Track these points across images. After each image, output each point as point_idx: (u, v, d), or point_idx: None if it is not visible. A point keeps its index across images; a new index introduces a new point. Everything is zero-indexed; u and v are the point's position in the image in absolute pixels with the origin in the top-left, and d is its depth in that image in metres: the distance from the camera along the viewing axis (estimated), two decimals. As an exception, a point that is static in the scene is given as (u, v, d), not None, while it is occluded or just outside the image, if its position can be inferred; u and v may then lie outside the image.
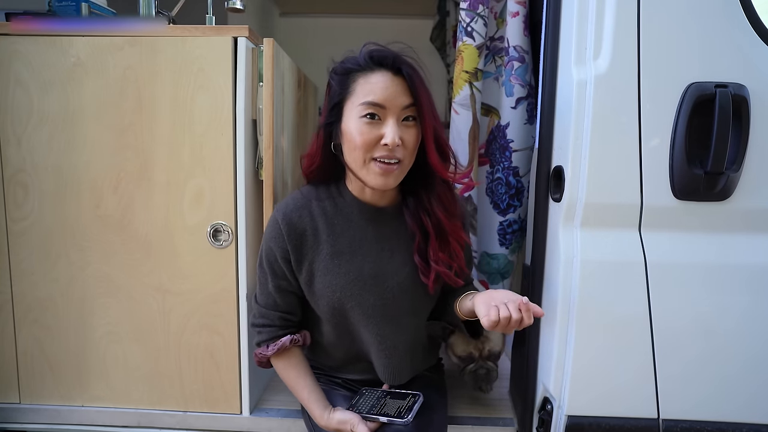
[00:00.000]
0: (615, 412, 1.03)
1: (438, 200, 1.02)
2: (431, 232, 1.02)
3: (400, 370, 1.09)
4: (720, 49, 0.96)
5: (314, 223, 1.02)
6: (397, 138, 0.92)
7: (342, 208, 1.04)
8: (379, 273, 1.03)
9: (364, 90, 0.93)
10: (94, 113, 1.15)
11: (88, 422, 1.26)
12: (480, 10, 1.34)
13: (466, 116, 1.39)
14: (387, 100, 0.92)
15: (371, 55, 0.95)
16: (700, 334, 1.01)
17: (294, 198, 1.04)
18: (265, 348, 1.07)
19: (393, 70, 0.94)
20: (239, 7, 1.35)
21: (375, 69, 0.94)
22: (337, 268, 1.02)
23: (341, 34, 2.41)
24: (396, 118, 0.93)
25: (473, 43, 1.36)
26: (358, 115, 0.93)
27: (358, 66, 0.95)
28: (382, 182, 0.95)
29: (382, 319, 1.04)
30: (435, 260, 1.02)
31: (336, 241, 1.02)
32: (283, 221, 1.01)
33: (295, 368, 1.08)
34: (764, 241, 1.00)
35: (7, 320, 1.23)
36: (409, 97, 0.94)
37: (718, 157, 0.94)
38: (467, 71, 1.37)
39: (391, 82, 0.93)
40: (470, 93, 1.38)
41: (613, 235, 1.01)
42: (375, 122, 0.93)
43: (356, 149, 0.94)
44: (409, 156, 0.97)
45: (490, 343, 1.20)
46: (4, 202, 1.19)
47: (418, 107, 0.95)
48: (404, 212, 1.05)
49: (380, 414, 1.00)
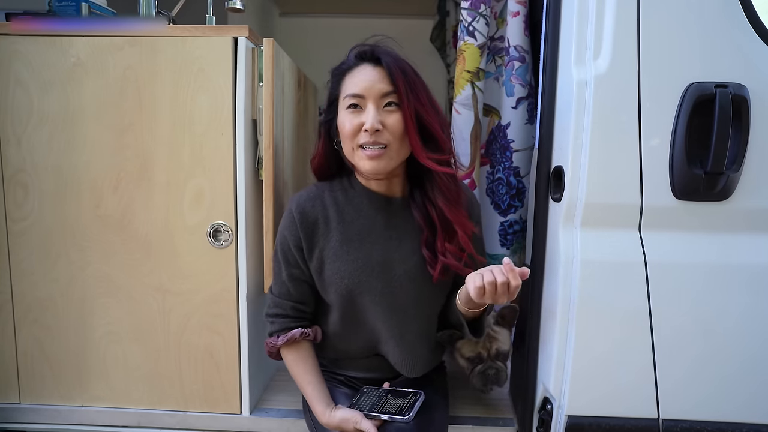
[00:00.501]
0: (615, 412, 1.03)
1: (439, 190, 1.04)
2: (437, 222, 1.04)
3: (407, 362, 1.10)
4: (720, 49, 0.96)
5: (326, 212, 1.06)
6: (377, 122, 0.96)
7: (352, 198, 1.08)
8: (387, 261, 1.05)
9: (348, 84, 1.01)
10: (94, 113, 1.15)
11: (88, 422, 1.26)
12: (482, 10, 1.34)
13: (467, 116, 1.39)
14: (365, 89, 0.98)
15: (356, 54, 1.03)
16: (700, 334, 1.01)
17: (308, 190, 1.10)
18: (276, 338, 1.09)
19: (373, 61, 1.01)
20: (239, 7, 1.35)
21: (358, 64, 1.02)
22: (345, 255, 1.04)
23: (341, 34, 2.40)
24: (376, 105, 0.98)
25: (475, 43, 1.35)
26: (344, 108, 1.01)
27: (347, 66, 1.03)
28: (371, 167, 0.99)
29: (390, 308, 1.06)
30: (442, 252, 1.04)
31: (346, 228, 1.06)
32: (296, 210, 1.06)
33: (303, 363, 1.09)
34: (764, 241, 1.00)
35: (7, 320, 1.23)
36: (389, 84, 0.98)
37: (718, 157, 0.94)
38: (469, 71, 1.37)
39: (370, 73, 0.99)
40: (472, 93, 1.38)
41: (613, 235, 1.01)
42: (357, 111, 0.99)
43: (345, 139, 1.01)
44: (397, 141, 0.99)
45: (498, 343, 1.19)
46: (4, 202, 1.19)
47: (397, 92, 0.98)
48: (411, 205, 1.08)
49: (381, 412, 1.00)
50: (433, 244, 1.05)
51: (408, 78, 0.99)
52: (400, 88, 0.98)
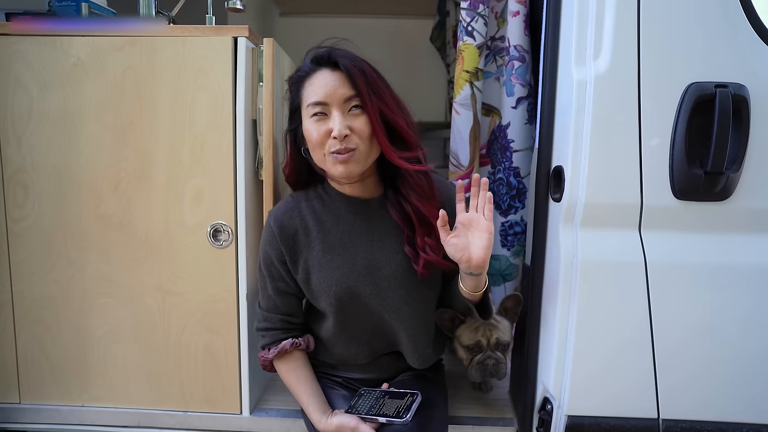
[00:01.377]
0: (615, 412, 1.03)
1: (412, 187, 1.03)
2: (413, 219, 1.04)
3: (401, 362, 1.11)
4: (720, 49, 0.96)
5: (304, 223, 1.06)
6: (344, 128, 0.95)
7: (329, 205, 1.08)
8: (372, 263, 1.05)
9: (309, 92, 0.99)
10: (94, 113, 1.15)
11: (88, 422, 1.26)
12: (481, 10, 1.34)
13: (466, 116, 1.39)
14: (327, 96, 0.97)
15: (312, 59, 1.01)
16: (700, 334, 1.01)
17: (285, 201, 1.09)
18: (267, 351, 1.09)
19: (331, 65, 0.99)
20: (239, 7, 1.35)
21: (316, 70, 1.00)
22: (330, 263, 1.04)
23: (341, 34, 2.40)
24: (341, 110, 0.97)
25: (474, 43, 1.35)
26: (308, 116, 0.99)
27: (305, 72, 1.01)
28: (343, 171, 0.98)
29: (380, 309, 1.06)
30: (422, 247, 1.03)
31: (326, 237, 1.05)
32: (275, 224, 1.05)
33: (296, 372, 1.09)
34: (764, 241, 1.00)
35: (7, 320, 1.23)
36: (351, 87, 0.97)
37: (718, 157, 0.94)
38: (468, 71, 1.37)
39: (330, 78, 0.97)
40: (471, 93, 1.38)
41: (613, 235, 1.01)
42: (323, 119, 0.98)
43: (315, 147, 1.00)
44: (365, 143, 0.98)
45: (498, 332, 1.16)
46: (4, 202, 1.19)
47: (360, 95, 0.97)
48: (387, 204, 1.08)
49: (379, 414, 1.00)
50: (413, 240, 1.05)
51: (369, 79, 0.98)
52: (363, 91, 0.96)
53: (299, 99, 1.02)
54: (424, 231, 1.04)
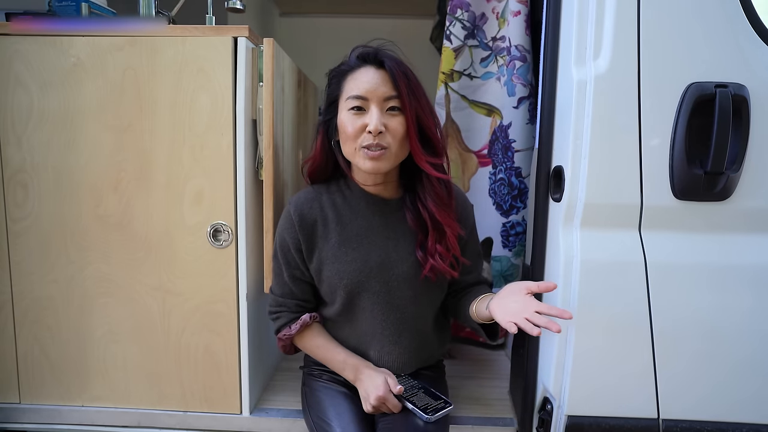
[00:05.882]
0: (615, 412, 1.03)
1: (431, 193, 1.05)
2: (428, 224, 1.06)
3: (404, 360, 1.11)
4: (720, 49, 0.96)
5: (324, 214, 1.08)
6: (380, 124, 0.98)
7: (350, 200, 1.09)
8: (385, 261, 1.07)
9: (351, 86, 1.02)
10: (94, 113, 1.15)
11: (88, 422, 1.26)
12: (458, 14, 1.44)
13: (439, 114, 1.48)
14: (369, 92, 0.99)
15: (358, 55, 1.04)
16: (700, 333, 1.01)
17: (306, 191, 1.11)
18: (288, 329, 1.11)
19: (376, 64, 1.02)
20: (239, 7, 1.35)
21: (361, 66, 1.03)
22: (344, 256, 1.06)
23: (341, 34, 2.41)
24: (379, 107, 0.99)
25: (450, 46, 1.46)
26: (346, 109, 1.01)
27: (349, 67, 1.04)
28: (372, 166, 1.00)
29: (387, 307, 1.08)
30: (432, 253, 1.05)
31: (344, 230, 1.07)
32: (295, 213, 1.07)
33: (321, 338, 1.12)
34: (764, 241, 1.00)
35: (7, 320, 1.23)
36: (392, 88, 1.00)
37: (718, 157, 0.94)
38: (444, 72, 1.48)
39: (373, 76, 1.00)
40: (445, 93, 1.49)
41: (613, 235, 1.01)
42: (361, 113, 1.00)
43: (348, 139, 1.02)
44: (397, 143, 1.01)
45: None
46: (4, 202, 1.19)
47: (400, 97, 1.00)
48: (404, 207, 1.10)
49: (408, 400, 1.02)
50: (425, 245, 1.07)
51: (410, 82, 1.01)
52: (403, 93, 0.99)
53: (339, 91, 1.04)
54: (437, 237, 1.06)
